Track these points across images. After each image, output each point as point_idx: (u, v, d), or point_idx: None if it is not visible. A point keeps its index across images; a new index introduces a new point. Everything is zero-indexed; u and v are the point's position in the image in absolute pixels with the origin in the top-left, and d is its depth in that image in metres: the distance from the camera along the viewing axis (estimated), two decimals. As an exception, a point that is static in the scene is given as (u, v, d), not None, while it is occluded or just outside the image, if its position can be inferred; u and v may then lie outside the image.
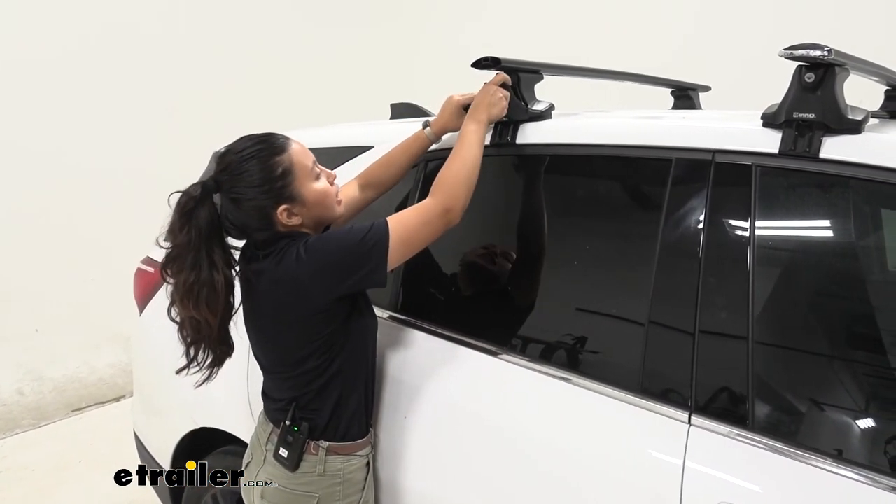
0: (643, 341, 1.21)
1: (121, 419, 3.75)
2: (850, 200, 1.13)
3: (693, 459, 1.10)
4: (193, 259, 1.29)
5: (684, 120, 1.40)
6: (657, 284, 1.22)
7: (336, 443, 1.41)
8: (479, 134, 1.40)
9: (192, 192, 1.31)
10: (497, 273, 1.54)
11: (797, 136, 1.12)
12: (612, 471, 1.19)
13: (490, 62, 1.44)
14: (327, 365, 1.37)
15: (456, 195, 1.31)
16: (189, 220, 1.29)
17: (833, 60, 1.06)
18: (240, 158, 1.31)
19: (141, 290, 2.25)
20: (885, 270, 1.25)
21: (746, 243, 1.15)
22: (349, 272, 1.28)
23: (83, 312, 3.96)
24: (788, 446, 1.04)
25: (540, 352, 1.40)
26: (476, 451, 1.37)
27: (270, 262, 1.32)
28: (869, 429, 1.06)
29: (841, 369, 1.12)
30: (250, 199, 1.30)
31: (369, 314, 1.44)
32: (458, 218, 1.32)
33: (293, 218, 1.34)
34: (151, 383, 2.25)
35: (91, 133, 3.86)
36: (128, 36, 3.97)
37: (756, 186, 1.16)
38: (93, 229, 3.92)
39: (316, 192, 1.36)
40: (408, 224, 1.30)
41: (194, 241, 1.29)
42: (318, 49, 4.98)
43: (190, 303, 1.29)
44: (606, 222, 1.44)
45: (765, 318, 1.12)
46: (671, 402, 1.16)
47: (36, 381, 3.78)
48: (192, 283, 1.28)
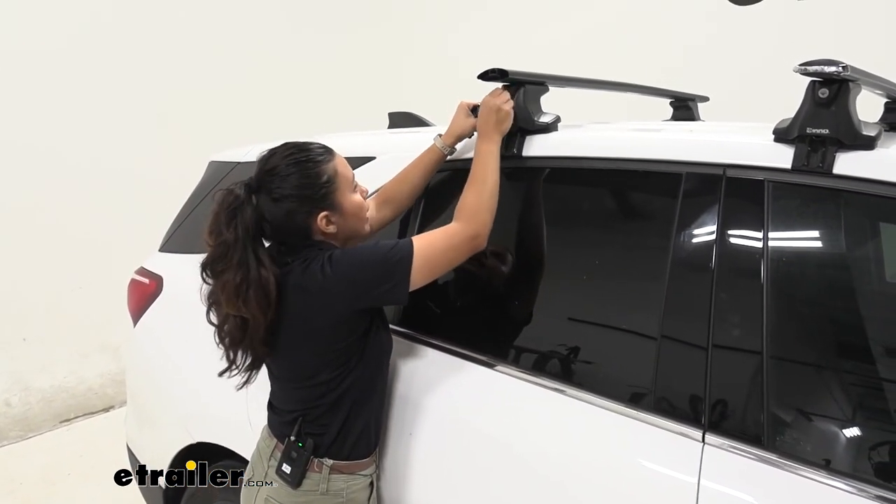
0: (655, 357, 1.20)
1: (110, 430, 3.69)
2: (864, 216, 1.12)
3: (708, 478, 1.09)
4: (241, 256, 1.27)
5: (692, 133, 1.39)
6: (669, 300, 1.21)
7: (341, 461, 1.39)
8: (495, 155, 1.41)
9: (236, 191, 1.32)
10: (505, 287, 1.52)
11: (810, 152, 1.12)
12: (625, 489, 1.17)
13: (497, 74, 1.43)
14: (340, 380, 1.35)
15: (483, 221, 1.34)
16: (235, 216, 1.29)
17: (848, 76, 1.05)
18: (287, 162, 1.33)
19: (135, 302, 2.21)
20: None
21: (760, 258, 1.14)
22: (371, 286, 1.29)
23: (71, 321, 3.90)
24: (807, 465, 1.03)
25: (549, 368, 1.38)
26: (485, 471, 1.35)
27: (296, 269, 1.31)
28: (891, 447, 1.05)
29: (859, 385, 1.11)
30: (293, 201, 1.32)
31: (386, 333, 1.44)
32: (484, 243, 1.34)
33: (330, 226, 1.36)
34: (146, 396, 2.22)
35: (77, 139, 3.80)
36: (114, 42, 3.92)
37: (769, 202, 1.15)
38: (81, 236, 3.87)
39: (354, 204, 1.39)
40: (434, 246, 1.31)
41: (242, 238, 1.28)
42: (306, 54, 4.95)
43: (239, 300, 1.27)
44: (616, 236, 1.42)
45: (779, 333, 1.11)
46: (685, 419, 1.15)
47: (23, 391, 3.72)
48: (241, 281, 1.26)
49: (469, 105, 1.54)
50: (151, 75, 4.10)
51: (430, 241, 1.32)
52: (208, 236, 1.31)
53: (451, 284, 1.61)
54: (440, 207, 1.62)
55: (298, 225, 1.34)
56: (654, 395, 1.19)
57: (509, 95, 1.46)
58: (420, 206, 1.62)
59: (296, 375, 1.39)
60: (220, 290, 1.29)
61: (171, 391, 2.05)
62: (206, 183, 2.28)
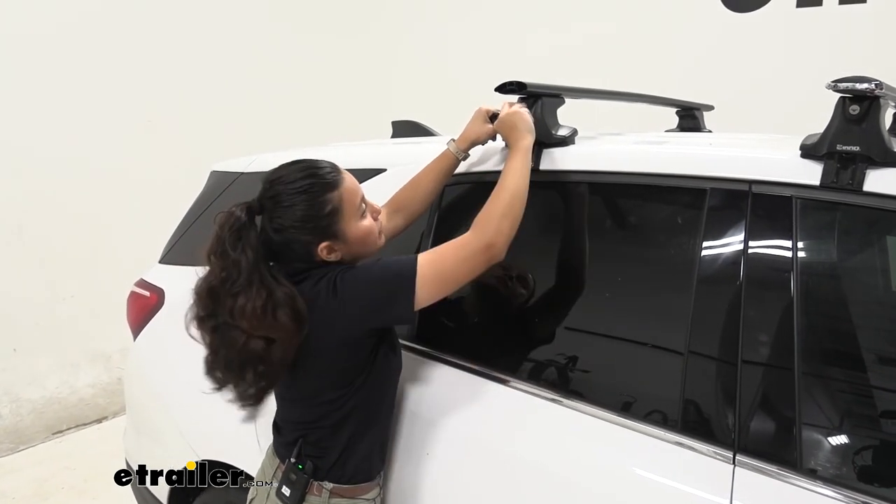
0: (682, 376, 1.18)
1: (103, 442, 3.64)
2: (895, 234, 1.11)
3: (741, 500, 1.07)
4: (259, 279, 1.22)
5: (712, 147, 1.38)
6: (695, 316, 1.19)
7: (342, 485, 1.35)
8: (525, 162, 1.34)
9: (237, 213, 1.25)
10: (521, 302, 1.50)
11: (839, 169, 1.11)
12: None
13: (515, 86, 1.41)
14: (344, 401, 1.32)
15: (500, 229, 1.25)
16: (239, 238, 1.23)
17: (881, 93, 1.04)
18: (289, 191, 1.26)
19: (135, 315, 2.17)
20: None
21: (790, 275, 1.13)
22: (374, 308, 1.25)
23: (62, 331, 3.82)
24: (842, 488, 1.01)
25: (569, 385, 1.36)
26: (500, 493, 1.32)
27: (306, 287, 1.27)
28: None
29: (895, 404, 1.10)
30: (293, 232, 1.26)
31: (395, 354, 1.40)
32: (501, 254, 1.26)
33: (333, 254, 1.30)
34: (147, 411, 2.17)
35: (68, 147, 3.72)
36: (107, 48, 3.85)
37: (797, 218, 1.14)
38: (71, 245, 3.80)
39: (360, 232, 1.31)
40: (444, 260, 1.25)
41: (252, 260, 1.22)
42: (298, 59, 4.91)
43: (266, 321, 1.20)
44: (639, 251, 1.41)
45: (812, 350, 1.10)
46: (714, 440, 1.13)
47: (14, 402, 3.64)
48: (265, 302, 1.20)
49: (488, 112, 1.49)
50: (147, 82, 4.03)
51: (440, 254, 1.26)
52: (214, 258, 1.24)
53: (463, 299, 1.59)
54: (454, 224, 1.59)
55: (300, 253, 1.29)
56: (681, 414, 1.17)
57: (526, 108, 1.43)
58: (435, 219, 1.59)
59: (299, 395, 1.36)
60: (237, 314, 1.22)
61: (174, 407, 2.00)
62: (208, 194, 2.24)
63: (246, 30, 4.60)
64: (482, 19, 4.68)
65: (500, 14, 4.57)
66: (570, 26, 4.23)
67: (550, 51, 4.20)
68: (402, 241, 1.63)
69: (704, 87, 2.97)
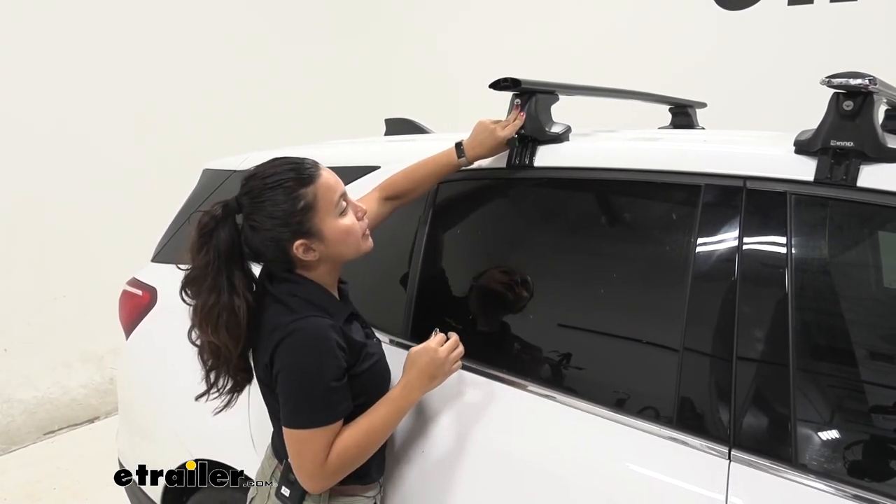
0: (677, 372, 1.18)
1: (96, 442, 3.62)
2: (890, 229, 1.11)
3: (736, 495, 1.07)
4: (213, 282, 1.23)
5: (707, 143, 1.38)
6: (690, 312, 1.19)
7: (341, 484, 1.33)
8: (403, 408, 1.31)
9: (213, 212, 1.26)
10: (515, 299, 1.49)
11: (833, 165, 1.11)
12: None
13: (509, 83, 1.41)
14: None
15: (337, 469, 1.26)
16: (208, 240, 1.24)
17: (875, 89, 1.05)
18: (263, 185, 1.24)
19: (127, 314, 2.15)
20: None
21: (784, 270, 1.13)
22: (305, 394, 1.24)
23: (53, 331, 3.80)
24: (837, 482, 1.02)
25: (564, 382, 1.36)
26: (501, 491, 1.32)
27: (271, 307, 1.28)
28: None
29: (892, 399, 1.10)
30: (267, 230, 1.24)
31: (377, 367, 1.36)
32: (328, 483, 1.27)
33: (310, 253, 1.27)
34: (140, 411, 2.16)
35: (59, 145, 3.70)
36: (102, 48, 3.82)
37: (791, 214, 1.14)
38: (62, 245, 3.77)
39: (337, 230, 1.28)
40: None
41: (213, 262, 1.23)
42: (296, 57, 4.90)
43: (209, 327, 1.23)
44: (633, 248, 1.40)
45: (806, 346, 1.10)
46: (709, 435, 1.13)
47: (5, 403, 3.61)
48: (211, 307, 1.22)
49: (496, 129, 1.46)
50: (139, 81, 4.00)
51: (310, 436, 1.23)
52: (188, 256, 1.27)
53: (459, 296, 1.59)
54: (449, 221, 1.59)
55: (277, 252, 1.27)
56: (676, 410, 1.17)
57: (459, 342, 1.35)
58: (428, 219, 1.58)
59: (275, 412, 1.34)
60: (193, 314, 1.26)
61: (167, 406, 1.99)
62: (201, 192, 2.22)
63: (241, 27, 4.58)
64: (478, 18, 4.68)
65: (496, 12, 4.57)
66: (562, 25, 4.24)
67: (544, 48, 4.20)
68: (397, 240, 1.63)
69: (697, 84, 2.98)
